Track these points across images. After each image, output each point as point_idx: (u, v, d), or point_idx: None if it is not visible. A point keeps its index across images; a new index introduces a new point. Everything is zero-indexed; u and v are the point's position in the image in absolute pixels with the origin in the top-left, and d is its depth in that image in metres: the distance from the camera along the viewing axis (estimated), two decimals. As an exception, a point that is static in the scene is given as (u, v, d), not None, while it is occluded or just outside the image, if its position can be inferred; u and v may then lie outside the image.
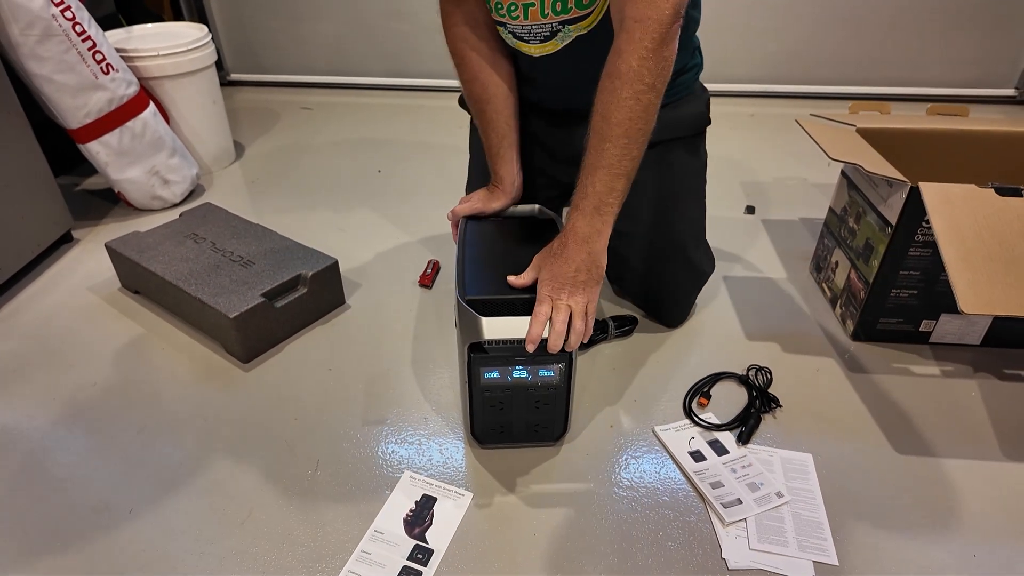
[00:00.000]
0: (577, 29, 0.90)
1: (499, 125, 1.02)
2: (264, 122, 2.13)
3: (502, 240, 0.97)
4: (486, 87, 1.00)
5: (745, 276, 1.33)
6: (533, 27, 0.91)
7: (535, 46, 0.94)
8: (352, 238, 1.48)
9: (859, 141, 1.13)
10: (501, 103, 1.01)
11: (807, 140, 1.16)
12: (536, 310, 0.77)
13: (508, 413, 0.88)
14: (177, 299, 1.15)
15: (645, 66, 0.74)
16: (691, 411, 1.00)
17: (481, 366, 0.82)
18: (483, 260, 0.91)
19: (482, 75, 1.00)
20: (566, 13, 0.87)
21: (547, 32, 0.91)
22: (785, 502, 0.85)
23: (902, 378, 1.07)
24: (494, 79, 1.00)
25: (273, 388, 1.05)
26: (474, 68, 1.00)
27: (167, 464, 0.92)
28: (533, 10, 0.88)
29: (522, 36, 0.94)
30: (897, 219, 1.01)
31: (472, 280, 0.85)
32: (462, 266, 0.89)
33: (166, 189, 1.56)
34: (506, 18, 0.93)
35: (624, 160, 0.77)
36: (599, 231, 0.79)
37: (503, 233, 0.99)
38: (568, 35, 0.90)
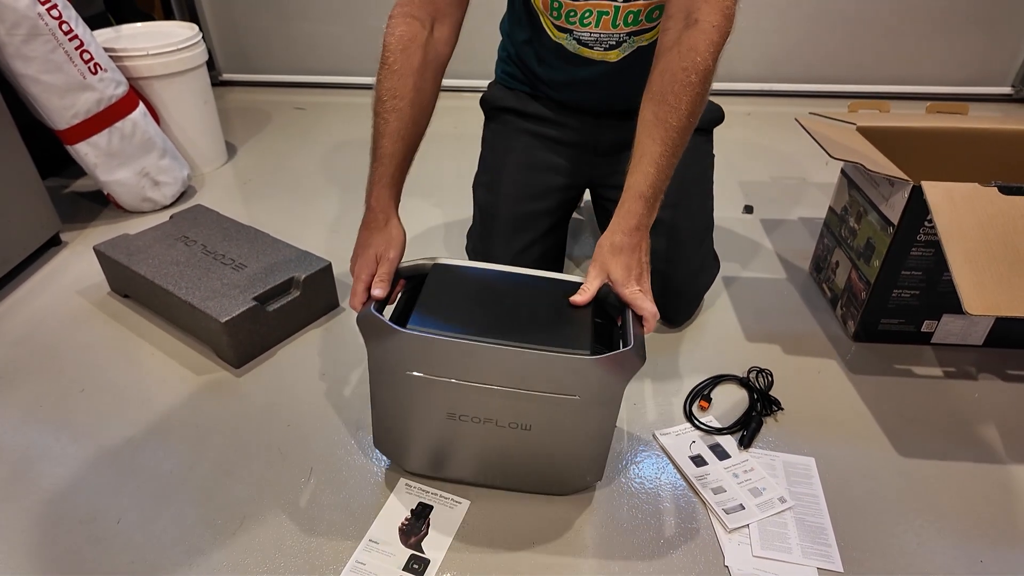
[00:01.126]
0: (640, 40, 0.96)
1: (415, 135, 0.88)
2: (256, 122, 2.11)
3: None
4: (420, 90, 0.87)
5: (744, 276, 1.31)
6: (602, 35, 0.96)
7: (598, 53, 0.99)
8: (346, 239, 1.44)
9: (860, 140, 1.12)
10: (422, 115, 0.88)
11: (805, 139, 1.15)
12: (640, 308, 0.77)
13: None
14: (167, 303, 1.13)
15: (715, 61, 0.79)
16: (692, 415, 0.98)
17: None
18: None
19: (422, 76, 0.87)
20: (636, 25, 0.94)
21: (614, 41, 0.97)
22: (788, 507, 0.84)
23: (904, 379, 1.05)
24: (430, 86, 0.88)
25: (265, 394, 1.03)
26: (415, 63, 0.86)
27: (157, 472, 0.90)
28: (606, 19, 0.94)
29: (588, 43, 0.99)
30: (899, 218, 1.00)
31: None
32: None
33: (156, 191, 1.54)
34: (576, 25, 0.96)
35: (682, 142, 0.80)
36: (652, 214, 0.81)
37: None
38: (631, 46, 0.97)
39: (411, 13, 0.86)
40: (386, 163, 0.84)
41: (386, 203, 0.84)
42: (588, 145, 1.13)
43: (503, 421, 0.78)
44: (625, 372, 0.73)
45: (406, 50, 0.84)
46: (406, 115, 0.83)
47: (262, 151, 1.91)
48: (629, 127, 1.06)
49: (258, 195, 1.66)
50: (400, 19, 0.86)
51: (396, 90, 0.83)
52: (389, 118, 0.83)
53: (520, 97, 1.15)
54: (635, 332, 0.75)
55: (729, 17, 0.80)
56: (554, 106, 1.12)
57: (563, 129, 1.13)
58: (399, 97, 0.83)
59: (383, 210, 0.84)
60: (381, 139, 0.84)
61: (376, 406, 0.83)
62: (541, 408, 0.75)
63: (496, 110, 1.19)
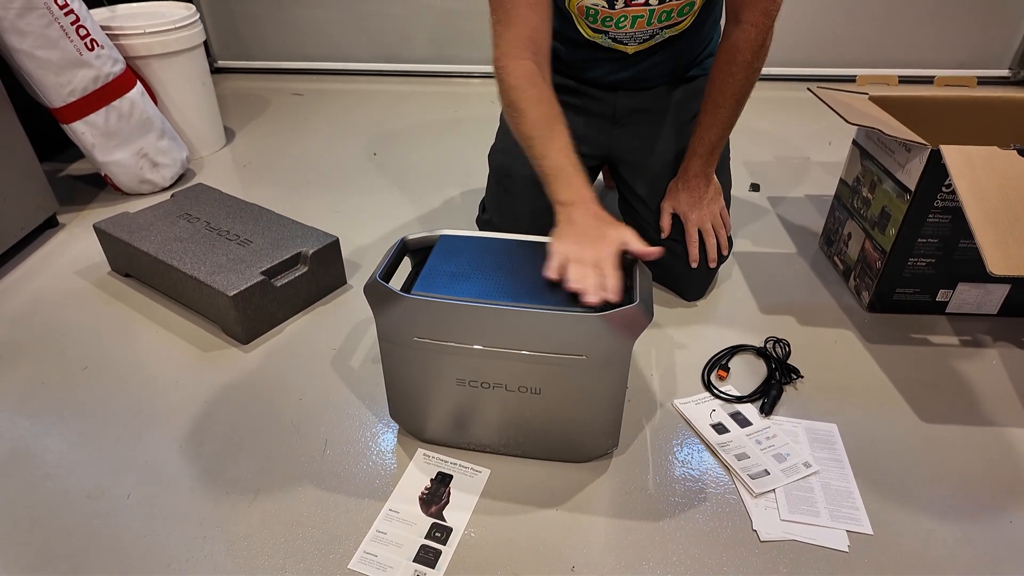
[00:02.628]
0: (671, 31, 1.02)
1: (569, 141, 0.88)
2: (254, 108, 2.08)
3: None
4: (554, 107, 0.89)
5: (756, 252, 1.30)
6: (636, 33, 1.01)
7: (632, 47, 1.04)
8: (350, 220, 1.43)
9: (875, 107, 1.11)
10: (564, 125, 0.89)
11: (806, 122, 1.15)
12: (688, 232, 1.07)
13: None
14: (171, 279, 1.10)
15: (757, 57, 0.94)
16: (710, 384, 0.97)
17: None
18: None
19: (552, 98, 0.90)
20: (669, 21, 0.99)
21: (647, 36, 1.02)
22: (814, 472, 0.83)
23: (921, 348, 1.04)
24: (556, 106, 0.89)
25: (275, 369, 1.01)
26: (545, 91, 0.89)
27: (166, 448, 0.87)
28: (641, 20, 0.98)
29: (622, 40, 1.03)
30: (916, 184, 0.99)
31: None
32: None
33: (155, 172, 1.51)
34: (611, 28, 1.00)
35: (734, 119, 1.01)
36: (710, 167, 1.06)
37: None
38: (663, 36, 1.03)
39: (519, 55, 0.88)
40: (582, 171, 0.83)
41: (599, 205, 0.82)
42: (606, 114, 1.14)
43: (512, 385, 0.76)
44: (632, 329, 0.72)
45: (535, 84, 0.87)
46: (568, 133, 0.85)
47: (261, 136, 1.88)
48: (645, 96, 1.08)
49: (258, 179, 1.63)
50: (512, 61, 0.88)
51: (547, 113, 0.86)
52: (556, 136, 0.84)
53: None
54: (642, 288, 0.74)
55: (770, 15, 0.91)
56: (574, 79, 1.13)
57: (582, 98, 1.13)
58: (555, 118, 0.86)
59: (600, 208, 0.81)
60: (562, 152, 0.83)
61: (388, 376, 0.81)
62: (549, 370, 0.74)
63: None
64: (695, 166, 1.05)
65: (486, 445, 0.84)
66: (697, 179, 1.06)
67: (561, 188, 0.82)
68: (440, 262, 0.78)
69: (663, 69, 1.10)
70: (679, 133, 1.12)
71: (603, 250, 0.75)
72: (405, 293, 0.73)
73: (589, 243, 0.76)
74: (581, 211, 0.80)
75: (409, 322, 0.74)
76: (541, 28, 0.89)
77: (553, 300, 0.72)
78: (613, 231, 0.78)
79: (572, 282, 0.71)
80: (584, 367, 0.73)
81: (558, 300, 0.72)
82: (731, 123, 1.02)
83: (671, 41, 1.05)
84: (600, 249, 0.75)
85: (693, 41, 1.08)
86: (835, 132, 1.84)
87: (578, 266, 0.73)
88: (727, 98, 0.99)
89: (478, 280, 0.75)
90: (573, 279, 0.72)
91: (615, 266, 0.74)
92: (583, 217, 0.79)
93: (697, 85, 1.15)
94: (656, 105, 1.13)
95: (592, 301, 0.70)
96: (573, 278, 0.72)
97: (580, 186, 0.82)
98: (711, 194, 1.08)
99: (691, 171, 1.06)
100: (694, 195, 1.07)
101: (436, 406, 0.81)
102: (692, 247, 1.08)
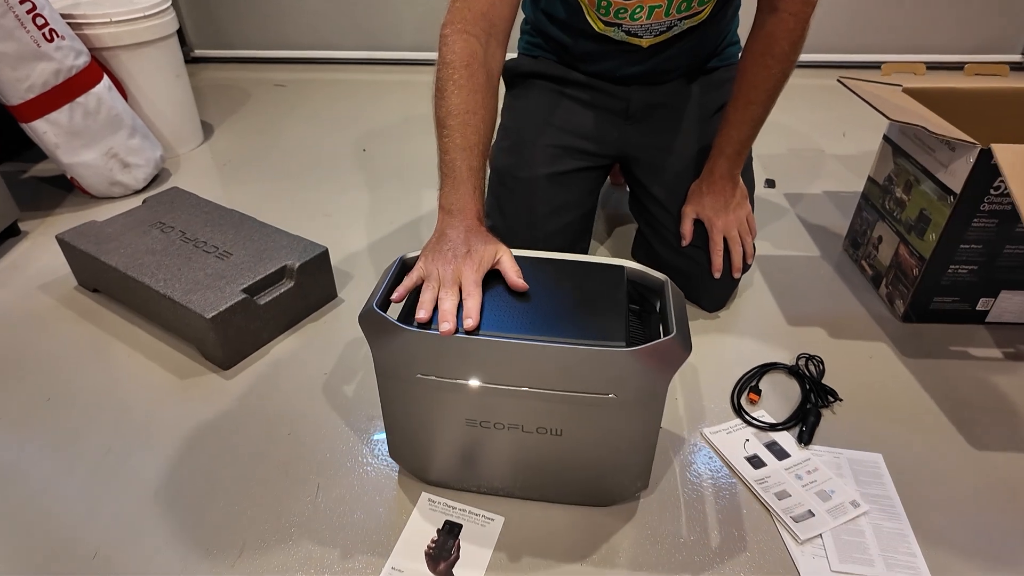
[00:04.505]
0: (690, 22, 0.93)
1: (487, 153, 0.80)
2: (233, 101, 1.96)
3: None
4: (489, 108, 0.80)
5: (777, 255, 1.22)
6: (653, 25, 0.92)
7: (647, 40, 0.95)
8: (340, 224, 1.33)
9: (911, 101, 1.02)
10: (491, 135, 0.81)
11: (817, 112, 1.06)
12: (712, 240, 0.99)
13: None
14: (144, 298, 1.00)
15: (794, 48, 0.86)
16: (741, 409, 0.88)
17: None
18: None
19: (484, 87, 0.80)
20: (688, 11, 0.91)
21: (664, 27, 0.93)
22: (863, 512, 0.75)
23: (963, 363, 0.97)
24: (493, 105, 0.82)
25: (260, 398, 0.91)
26: (479, 77, 0.79)
27: (139, 494, 0.78)
28: (658, 11, 0.90)
29: (636, 32, 0.94)
30: (962, 186, 0.90)
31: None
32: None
33: (126, 174, 1.39)
34: (625, 19, 0.92)
35: (764, 116, 0.92)
36: (737, 168, 0.97)
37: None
38: (681, 27, 0.94)
39: (466, 29, 0.79)
40: (477, 177, 0.75)
41: (481, 218, 0.74)
42: (618, 110, 1.04)
43: (530, 426, 0.68)
44: (668, 364, 0.63)
45: (469, 67, 0.77)
46: (483, 131, 0.77)
47: (241, 131, 1.76)
48: (661, 90, 0.98)
49: (239, 178, 1.52)
50: (456, 35, 0.79)
51: (468, 104, 0.76)
52: (467, 132, 0.75)
53: (547, 63, 1.06)
54: (676, 314, 0.65)
55: (811, 2, 0.83)
56: (584, 74, 1.04)
57: (593, 93, 1.04)
58: (473, 112, 0.76)
59: (481, 222, 0.73)
60: (463, 152, 0.74)
61: (387, 414, 0.72)
62: (572, 410, 0.65)
63: (519, 76, 1.09)
64: (721, 167, 0.96)
65: (499, 488, 0.75)
66: (723, 181, 0.97)
67: (447, 192, 0.74)
68: None
69: (680, 62, 1.00)
70: (700, 130, 1.03)
71: (466, 267, 0.67)
72: (406, 325, 0.63)
73: (452, 259, 0.68)
74: (456, 222, 0.72)
75: (411, 357, 0.65)
76: (500, 5, 0.81)
77: (576, 331, 0.63)
78: (483, 247, 0.70)
79: (419, 306, 0.65)
80: (613, 407, 0.64)
81: (582, 331, 0.63)
82: (762, 120, 0.93)
83: (689, 32, 0.95)
84: (463, 266, 0.67)
85: (712, 31, 0.98)
86: (848, 122, 1.75)
87: (432, 288, 0.66)
88: (759, 93, 0.89)
89: (488, 307, 0.66)
90: (422, 301, 0.65)
91: (476, 285, 0.66)
92: (455, 231, 0.71)
93: (718, 77, 1.05)
94: (673, 100, 1.03)
95: (442, 330, 0.63)
96: (423, 300, 0.65)
97: (466, 194, 0.73)
98: (738, 198, 0.99)
99: (717, 172, 0.97)
100: (719, 199, 0.98)
101: (442, 447, 0.72)
102: (716, 256, 0.99)
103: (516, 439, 0.69)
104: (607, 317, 0.65)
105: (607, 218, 1.34)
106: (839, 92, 1.37)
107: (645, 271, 0.72)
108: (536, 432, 0.68)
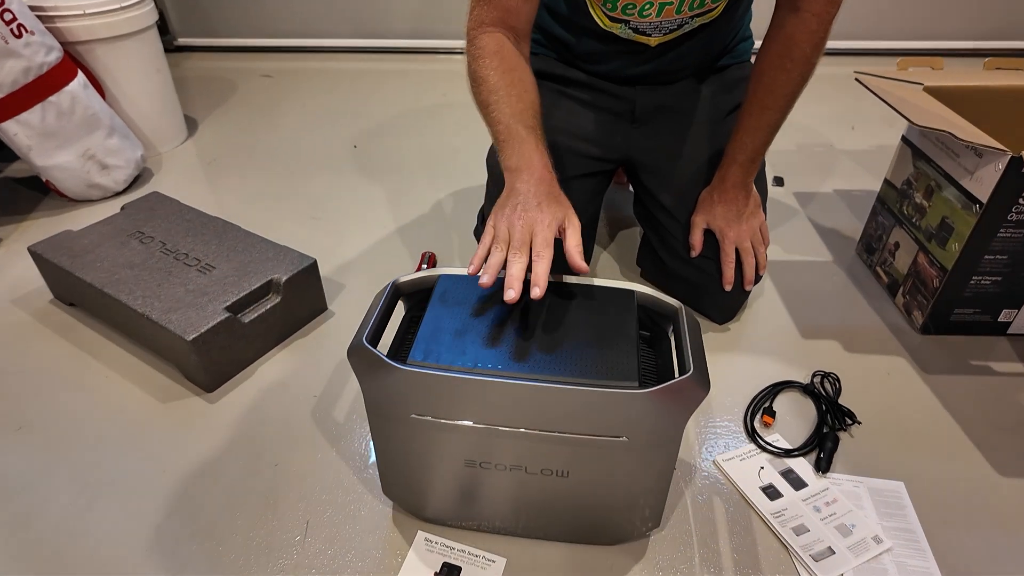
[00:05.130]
0: (702, 20, 0.88)
1: (531, 106, 0.78)
2: (219, 93, 1.88)
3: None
4: (518, 73, 0.78)
5: (788, 260, 1.17)
6: (663, 22, 0.87)
7: (656, 38, 0.90)
8: (330, 228, 1.27)
9: (935, 103, 0.96)
10: (535, 94, 0.79)
11: (824, 101, 0.99)
12: (724, 251, 0.93)
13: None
14: (122, 316, 0.94)
15: (816, 51, 0.80)
16: (755, 433, 0.84)
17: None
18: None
19: (520, 66, 0.80)
20: (701, 8, 0.85)
21: (675, 26, 0.88)
22: (886, 549, 0.70)
23: (985, 379, 0.92)
24: (524, 73, 0.79)
25: (246, 424, 0.86)
26: (512, 58, 0.79)
27: (114, 534, 0.73)
28: (669, 8, 0.84)
29: (644, 31, 0.88)
30: (990, 195, 0.85)
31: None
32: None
33: (105, 176, 1.33)
34: (633, 16, 0.86)
35: (781, 122, 0.86)
36: (751, 176, 0.92)
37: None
38: (692, 24, 0.89)
39: (491, 28, 0.79)
40: (536, 134, 0.73)
41: (552, 172, 0.71)
42: (623, 112, 0.98)
43: (533, 468, 0.63)
44: (685, 406, 0.58)
45: (499, 53, 0.77)
46: (527, 99, 0.75)
47: (227, 126, 1.69)
48: (669, 91, 0.93)
49: (225, 177, 1.45)
50: (481, 32, 0.79)
51: (507, 80, 0.75)
52: (512, 101, 0.74)
53: (547, 61, 0.99)
54: (694, 351, 0.60)
55: (836, 2, 0.78)
56: (586, 73, 0.97)
57: (596, 94, 0.98)
58: (513, 85, 0.75)
59: (552, 176, 0.71)
60: (516, 117, 0.73)
61: (379, 452, 0.67)
62: (579, 452, 0.60)
63: None
64: (734, 175, 0.91)
65: (500, 527, 0.71)
66: (736, 190, 0.92)
67: (509, 152, 0.71)
68: (440, 315, 0.63)
69: (690, 61, 0.94)
70: (711, 134, 0.97)
71: (538, 224, 0.64)
72: (399, 363, 0.58)
73: (523, 214, 0.65)
74: (525, 176, 0.68)
75: (405, 397, 0.60)
76: (519, 11, 0.79)
77: (584, 368, 0.58)
78: (556, 205, 0.66)
79: (484, 271, 0.62)
80: (624, 449, 0.60)
81: (590, 368, 0.58)
82: (778, 126, 0.87)
83: (700, 29, 0.89)
84: (536, 223, 0.64)
85: (724, 27, 0.92)
86: (856, 115, 1.69)
87: (500, 250, 0.63)
88: (777, 99, 0.84)
89: (488, 339, 0.60)
90: (488, 265, 0.62)
91: (547, 245, 0.63)
92: (524, 184, 0.68)
93: (729, 76, 0.99)
94: (682, 102, 0.97)
95: (506, 297, 0.59)
96: (489, 263, 0.62)
97: (530, 151, 0.70)
98: (751, 207, 0.93)
99: (729, 181, 0.91)
100: (732, 209, 0.92)
101: (439, 487, 0.68)
102: (728, 268, 0.93)
103: (519, 480, 0.64)
104: (617, 352, 0.59)
105: (610, 221, 1.29)
106: (846, 82, 1.31)
107: (657, 296, 0.67)
108: (540, 474, 0.63)
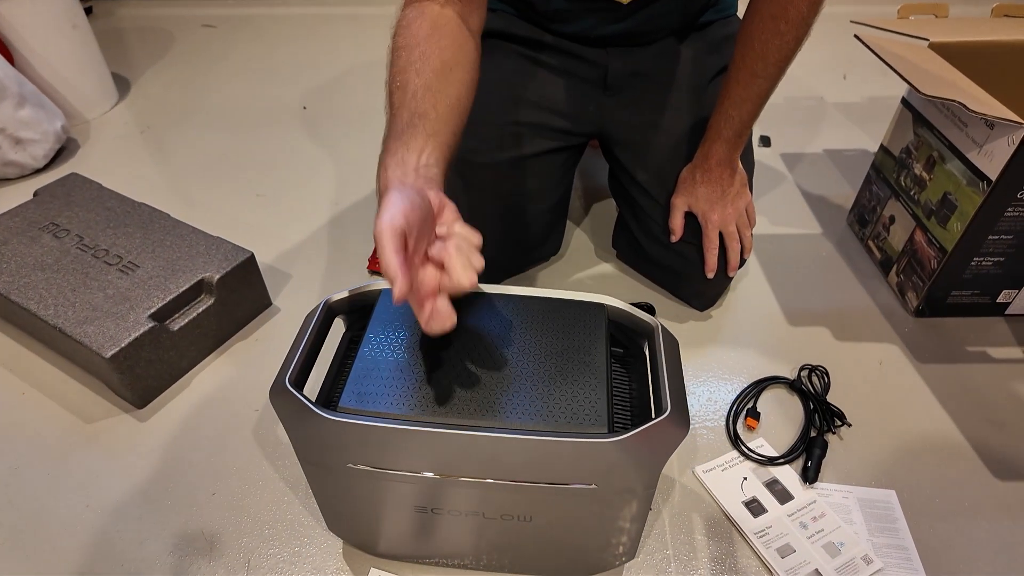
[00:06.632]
0: None
1: (462, 101, 0.66)
2: (154, 47, 1.71)
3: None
4: (459, 51, 0.65)
5: (775, 233, 1.08)
6: None
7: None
8: (274, 207, 1.16)
9: (943, 64, 0.86)
10: (470, 78, 0.65)
11: (813, 46, 0.85)
12: (707, 236, 0.84)
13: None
14: (34, 326, 0.84)
15: (812, 10, 0.72)
16: (738, 438, 0.77)
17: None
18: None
19: (458, 39, 0.66)
20: None
21: None
22: (877, 570, 0.66)
23: (983, 367, 0.86)
24: (469, 49, 0.66)
25: (181, 448, 0.78)
26: (449, 30, 0.65)
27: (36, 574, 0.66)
28: None
29: None
30: (1000, 172, 0.77)
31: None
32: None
33: (20, 152, 1.19)
34: None
35: (771, 91, 0.78)
36: (737, 151, 0.82)
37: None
38: None
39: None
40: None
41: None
42: (594, 79, 0.87)
43: (492, 514, 0.56)
44: (662, 450, 0.51)
45: (435, 34, 0.63)
46: (453, 125, 0.65)
47: (163, 85, 1.53)
48: (646, 53, 0.82)
49: (160, 147, 1.32)
50: (410, 6, 0.65)
51: (414, 51, 0.64)
52: (429, 119, 0.64)
53: (506, 19, 0.86)
54: (671, 384, 0.52)
55: None
56: (552, 34, 0.85)
57: (563, 57, 0.86)
58: (443, 103, 0.64)
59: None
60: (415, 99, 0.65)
61: (317, 496, 0.60)
62: (543, 499, 0.53)
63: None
64: (718, 152, 0.81)
65: (461, 564, 0.65)
66: (720, 168, 0.82)
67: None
68: (379, 345, 0.54)
69: (669, 20, 0.83)
70: (692, 102, 0.86)
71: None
72: (329, 412, 0.49)
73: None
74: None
75: (338, 448, 0.52)
76: None
77: (544, 409, 0.50)
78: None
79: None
80: (593, 497, 0.52)
81: (552, 410, 0.50)
82: (768, 95, 0.77)
83: None
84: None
85: None
86: (848, 62, 1.57)
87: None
88: (767, 65, 0.74)
89: (435, 375, 0.52)
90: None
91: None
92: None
93: (713, 34, 0.88)
94: (661, 66, 0.86)
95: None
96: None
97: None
98: (736, 187, 0.84)
99: (713, 158, 0.82)
100: (716, 189, 0.83)
101: (389, 528, 0.61)
102: (711, 254, 0.85)
103: (476, 523, 0.57)
104: (585, 388, 0.51)
105: (585, 191, 1.19)
106: (835, 25, 1.19)
107: (631, 312, 0.59)
108: (500, 519, 0.56)
